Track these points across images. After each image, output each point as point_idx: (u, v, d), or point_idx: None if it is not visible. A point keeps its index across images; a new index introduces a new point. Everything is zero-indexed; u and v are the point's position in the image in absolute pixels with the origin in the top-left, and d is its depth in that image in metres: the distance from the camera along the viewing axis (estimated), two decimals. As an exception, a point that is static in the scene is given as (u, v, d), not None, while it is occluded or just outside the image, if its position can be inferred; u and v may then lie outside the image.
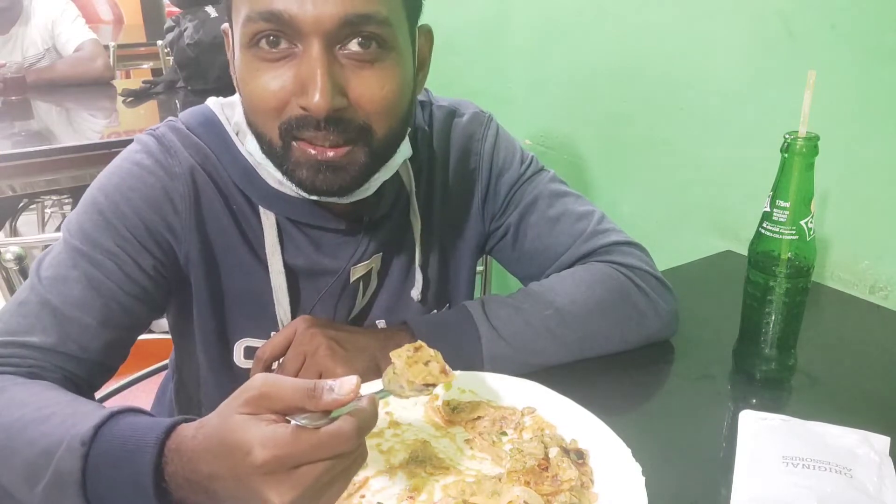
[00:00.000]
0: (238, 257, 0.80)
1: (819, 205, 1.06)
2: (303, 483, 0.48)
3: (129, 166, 0.77)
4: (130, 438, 0.56)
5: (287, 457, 0.48)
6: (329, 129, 0.67)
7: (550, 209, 0.91)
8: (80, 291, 0.72)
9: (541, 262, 0.92)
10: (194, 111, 0.82)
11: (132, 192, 0.75)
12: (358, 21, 0.66)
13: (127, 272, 0.74)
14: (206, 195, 0.78)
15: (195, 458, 0.52)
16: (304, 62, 0.66)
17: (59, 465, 0.57)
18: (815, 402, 0.79)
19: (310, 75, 0.65)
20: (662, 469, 0.61)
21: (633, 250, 0.90)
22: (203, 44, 2.23)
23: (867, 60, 1.02)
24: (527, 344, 0.79)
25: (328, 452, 0.49)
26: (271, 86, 0.67)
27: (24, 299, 0.72)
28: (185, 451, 0.52)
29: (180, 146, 0.78)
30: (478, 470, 0.63)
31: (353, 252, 0.82)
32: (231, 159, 0.78)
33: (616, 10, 1.44)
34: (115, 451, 0.56)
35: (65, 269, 0.73)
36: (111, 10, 4.72)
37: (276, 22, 0.65)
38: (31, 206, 2.83)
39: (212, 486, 0.51)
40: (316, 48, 0.65)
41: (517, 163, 0.92)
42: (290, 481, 0.48)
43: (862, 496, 0.60)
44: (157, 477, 0.53)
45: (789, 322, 0.79)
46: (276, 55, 0.67)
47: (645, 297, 0.85)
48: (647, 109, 1.42)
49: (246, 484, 0.49)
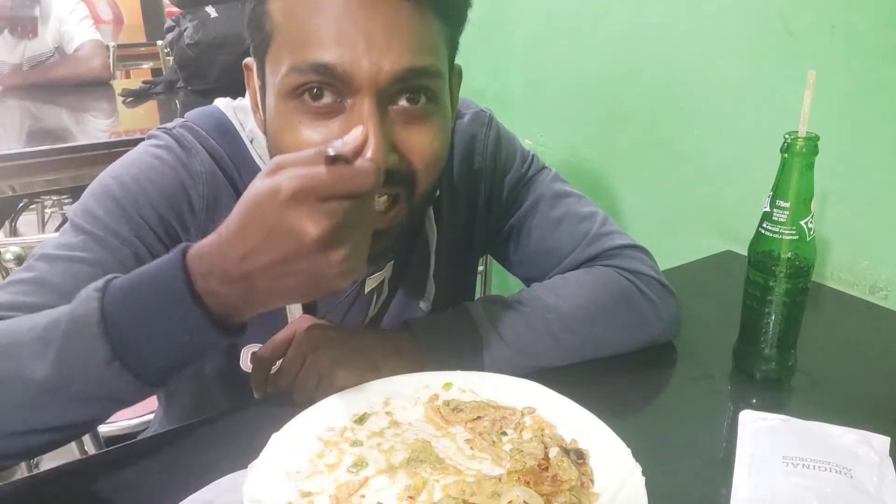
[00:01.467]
0: None
1: (819, 205, 1.06)
2: (335, 214, 0.49)
3: (148, 159, 0.75)
4: (148, 268, 0.56)
5: (313, 187, 0.49)
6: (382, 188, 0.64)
7: (553, 210, 0.90)
8: (87, 274, 0.67)
9: (543, 264, 0.91)
10: (205, 113, 0.80)
11: (150, 183, 0.73)
12: (413, 76, 0.63)
13: (141, 261, 0.70)
14: (224, 199, 0.76)
15: (225, 246, 0.52)
16: (355, 119, 0.62)
17: (72, 317, 0.55)
18: (815, 402, 0.79)
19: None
20: (662, 469, 0.61)
21: (637, 254, 0.89)
22: (203, 44, 2.23)
23: (867, 60, 1.03)
24: (528, 347, 0.79)
25: (354, 185, 0.50)
26: (314, 141, 0.63)
27: (18, 277, 0.68)
28: (211, 250, 0.53)
29: (199, 146, 0.76)
30: (478, 470, 0.63)
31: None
32: (247, 168, 0.77)
33: (616, 10, 1.44)
34: (135, 281, 0.55)
35: (73, 251, 0.69)
36: (111, 10, 4.72)
37: (327, 75, 0.62)
38: (31, 206, 2.83)
39: (246, 267, 0.51)
40: (368, 104, 0.62)
41: (518, 162, 0.92)
42: (322, 211, 0.49)
43: (862, 496, 0.60)
44: (191, 288, 0.53)
45: (789, 322, 0.79)
46: (322, 109, 0.63)
47: (648, 302, 0.85)
48: (647, 109, 1.42)
49: (278, 228, 0.50)
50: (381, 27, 0.61)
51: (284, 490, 0.58)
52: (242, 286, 0.52)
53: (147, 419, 1.25)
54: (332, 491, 0.59)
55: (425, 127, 0.67)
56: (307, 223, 0.49)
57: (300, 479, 0.60)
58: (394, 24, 0.62)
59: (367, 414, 0.70)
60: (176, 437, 0.73)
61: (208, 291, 0.53)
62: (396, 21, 0.62)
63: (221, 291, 0.52)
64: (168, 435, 0.76)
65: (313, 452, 0.64)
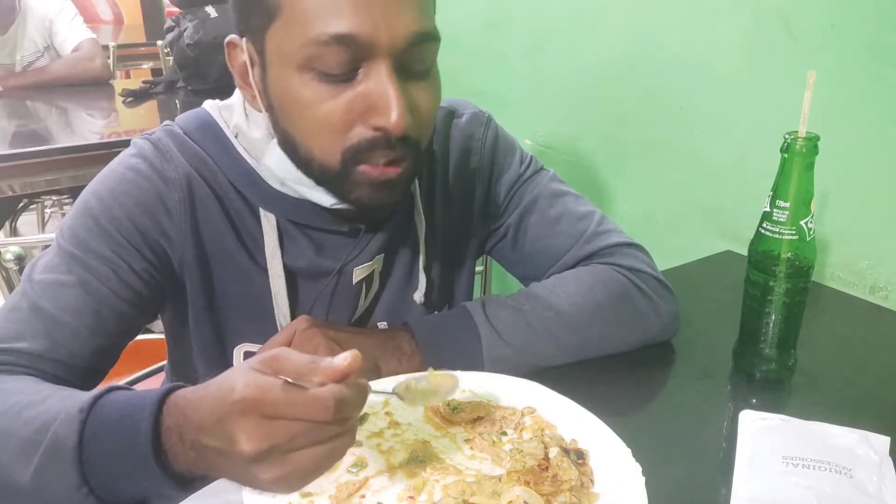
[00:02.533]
0: (235, 261, 0.79)
1: (819, 205, 1.06)
2: (275, 436, 0.48)
3: (123, 171, 0.76)
4: (131, 399, 0.56)
5: (264, 401, 0.48)
6: (397, 148, 0.68)
7: (550, 209, 0.91)
8: (74, 297, 0.71)
9: (541, 263, 0.91)
10: (191, 115, 0.81)
11: (126, 196, 0.74)
12: (422, 39, 0.67)
13: (122, 277, 0.73)
14: (202, 200, 0.77)
15: (189, 409, 0.52)
16: (375, 82, 0.66)
17: (56, 432, 0.56)
18: (815, 402, 0.79)
19: (383, 95, 0.65)
20: (662, 469, 0.61)
21: (634, 252, 0.90)
22: (203, 44, 2.23)
23: (867, 60, 1.02)
24: (527, 345, 0.79)
25: (305, 412, 0.48)
26: (338, 109, 0.67)
27: (14, 305, 0.72)
28: (183, 404, 0.53)
29: (176, 151, 0.77)
30: (478, 470, 0.63)
31: (354, 254, 0.82)
32: (230, 162, 0.78)
33: (616, 10, 1.44)
34: (114, 414, 0.56)
35: (59, 274, 0.72)
36: (111, 10, 4.72)
37: (350, 44, 0.64)
38: (31, 206, 2.83)
39: (199, 439, 0.51)
40: (385, 67, 0.65)
41: (517, 162, 0.92)
42: (263, 430, 0.48)
43: (862, 496, 0.60)
44: (156, 439, 0.53)
45: (789, 322, 0.79)
46: (338, 78, 0.66)
47: (646, 300, 0.85)
48: (647, 109, 1.42)
49: (222, 425, 0.49)
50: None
51: (284, 490, 0.58)
52: (192, 453, 0.52)
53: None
54: (332, 491, 0.59)
55: (426, 86, 0.70)
56: (242, 436, 0.48)
57: (300, 479, 0.60)
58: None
59: (367, 414, 0.70)
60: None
61: (170, 446, 0.54)
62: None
63: (179, 451, 0.53)
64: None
65: (313, 452, 0.64)
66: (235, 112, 0.79)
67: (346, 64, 0.65)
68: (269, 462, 0.49)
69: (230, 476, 0.53)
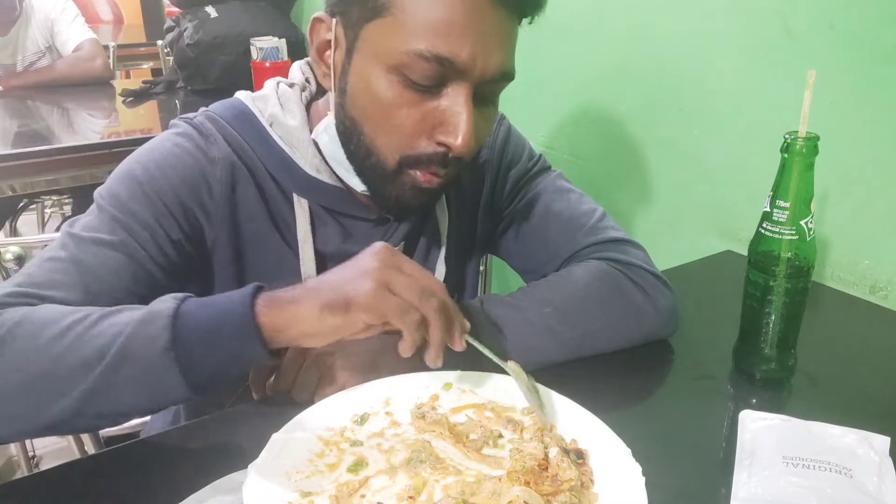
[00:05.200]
0: (268, 244, 0.82)
1: (819, 205, 1.06)
2: (391, 299, 0.61)
3: (170, 146, 0.79)
4: (220, 297, 0.64)
5: (399, 272, 0.63)
6: (451, 164, 0.74)
7: (553, 204, 0.93)
8: (115, 257, 0.73)
9: (540, 255, 0.93)
10: (226, 104, 0.84)
11: (172, 169, 0.77)
12: (503, 77, 0.73)
13: (159, 243, 0.75)
14: (242, 182, 0.80)
15: (298, 288, 0.64)
16: (453, 103, 0.71)
17: (151, 308, 0.63)
18: (815, 402, 0.79)
19: (457, 116, 0.70)
20: (662, 469, 0.61)
21: (627, 248, 0.90)
22: (203, 44, 2.23)
23: (867, 60, 1.02)
24: (526, 342, 0.79)
25: (423, 277, 0.64)
26: (413, 116, 0.71)
27: (53, 255, 0.72)
28: (281, 294, 0.63)
29: (218, 135, 0.80)
30: (478, 470, 0.63)
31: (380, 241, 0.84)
32: (266, 149, 0.81)
33: (616, 10, 1.44)
34: (208, 299, 0.64)
35: (101, 233, 0.73)
36: (111, 10, 4.71)
37: (446, 65, 0.69)
38: (31, 206, 2.83)
39: (304, 287, 0.63)
40: (466, 93, 0.70)
41: (525, 158, 0.96)
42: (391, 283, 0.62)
43: (862, 496, 0.60)
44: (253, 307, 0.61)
45: (789, 322, 0.79)
46: (421, 89, 0.71)
47: (642, 294, 0.85)
48: (647, 109, 1.42)
49: (356, 264, 0.63)
50: (494, 30, 0.71)
51: (284, 490, 0.58)
52: (291, 300, 0.62)
53: (146, 419, 1.24)
54: (332, 491, 0.59)
55: (489, 113, 0.77)
56: (369, 282, 0.62)
57: (300, 478, 0.60)
58: (501, 28, 0.72)
59: (367, 414, 0.70)
60: (176, 437, 0.74)
61: (265, 317, 0.62)
62: (503, 25, 0.72)
63: (276, 308, 0.62)
64: (168, 435, 0.76)
65: (313, 452, 0.64)
66: (270, 102, 0.83)
67: (435, 79, 0.70)
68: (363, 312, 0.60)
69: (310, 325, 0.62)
